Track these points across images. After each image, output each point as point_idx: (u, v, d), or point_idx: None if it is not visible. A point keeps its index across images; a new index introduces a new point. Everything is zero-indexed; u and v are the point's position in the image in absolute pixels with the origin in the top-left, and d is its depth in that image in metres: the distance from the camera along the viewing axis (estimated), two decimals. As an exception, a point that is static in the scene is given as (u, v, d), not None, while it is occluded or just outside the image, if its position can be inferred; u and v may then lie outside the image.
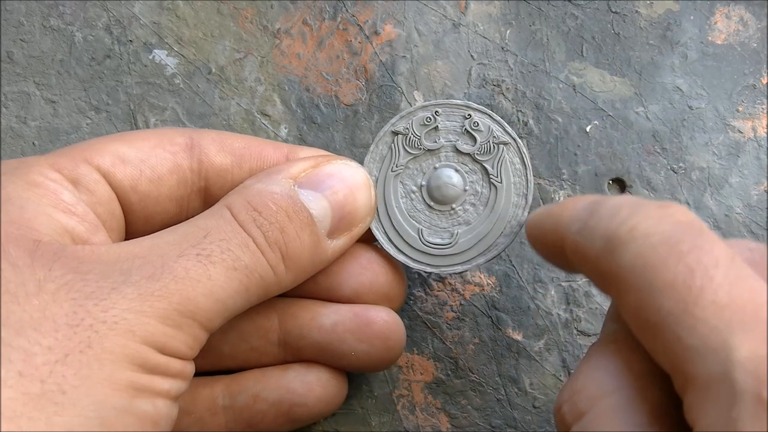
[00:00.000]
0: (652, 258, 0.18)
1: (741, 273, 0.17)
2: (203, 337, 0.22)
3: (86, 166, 0.23)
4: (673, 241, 0.18)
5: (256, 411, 0.26)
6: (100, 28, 0.32)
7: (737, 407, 0.15)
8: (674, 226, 0.18)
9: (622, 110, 0.31)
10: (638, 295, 0.18)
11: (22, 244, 0.20)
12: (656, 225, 0.19)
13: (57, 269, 0.20)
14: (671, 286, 0.17)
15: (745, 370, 0.15)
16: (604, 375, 0.19)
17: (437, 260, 0.27)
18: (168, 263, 0.21)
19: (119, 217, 0.24)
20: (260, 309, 0.27)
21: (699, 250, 0.18)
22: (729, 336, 0.16)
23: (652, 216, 0.19)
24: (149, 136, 0.25)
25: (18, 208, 0.21)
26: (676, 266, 0.17)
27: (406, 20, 0.32)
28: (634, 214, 0.19)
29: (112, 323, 0.19)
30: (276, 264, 0.23)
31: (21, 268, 0.20)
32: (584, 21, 0.32)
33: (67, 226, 0.22)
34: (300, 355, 0.27)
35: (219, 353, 0.27)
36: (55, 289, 0.19)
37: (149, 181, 0.24)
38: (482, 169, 0.27)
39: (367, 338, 0.26)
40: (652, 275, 0.18)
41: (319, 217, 0.24)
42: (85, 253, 0.21)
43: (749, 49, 0.32)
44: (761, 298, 0.17)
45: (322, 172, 0.25)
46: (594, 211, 0.20)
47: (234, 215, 0.23)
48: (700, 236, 0.18)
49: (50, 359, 0.19)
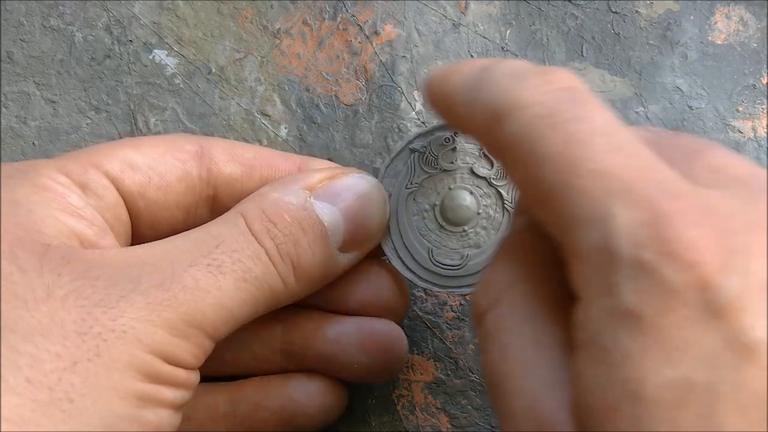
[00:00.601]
0: (534, 129, 0.17)
1: (624, 140, 0.17)
2: (209, 346, 0.22)
3: (95, 172, 0.23)
4: (554, 111, 0.17)
5: (258, 419, 0.26)
6: (100, 28, 0.32)
7: (616, 273, 0.15)
8: (556, 94, 0.18)
9: (622, 110, 0.31)
10: (524, 168, 0.18)
11: (30, 248, 0.20)
12: (538, 95, 0.18)
13: (66, 274, 0.20)
14: (552, 157, 0.17)
15: (622, 236, 0.15)
16: (512, 265, 0.19)
17: (445, 281, 0.27)
18: (178, 272, 0.21)
19: (126, 222, 0.24)
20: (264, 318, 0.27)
21: (580, 118, 0.17)
22: (609, 204, 0.16)
23: (534, 85, 0.18)
24: (159, 143, 0.25)
25: (26, 211, 0.21)
26: (556, 136, 0.17)
27: (406, 20, 0.32)
28: (517, 84, 0.18)
29: (121, 332, 0.19)
30: (287, 276, 0.23)
31: (29, 272, 0.20)
32: (584, 21, 0.32)
33: (75, 230, 0.22)
34: (302, 365, 0.27)
35: (221, 360, 0.27)
36: (64, 295, 0.19)
37: (157, 188, 0.24)
38: (497, 194, 0.27)
39: (370, 351, 0.26)
40: (534, 147, 0.17)
41: (333, 230, 0.24)
42: (95, 257, 0.21)
43: (749, 49, 0.32)
44: (643, 163, 0.16)
45: (338, 184, 0.25)
46: (480, 80, 0.20)
47: (248, 224, 0.23)
48: (582, 104, 0.18)
49: (59, 366, 0.19)
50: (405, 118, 0.32)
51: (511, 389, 0.18)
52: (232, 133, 0.32)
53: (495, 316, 0.19)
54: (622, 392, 0.15)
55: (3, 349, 0.18)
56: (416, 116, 0.32)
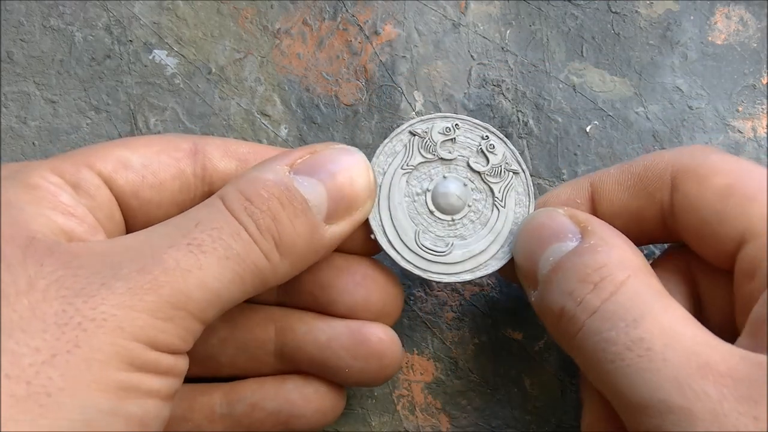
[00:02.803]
0: None
1: None
2: (197, 328, 0.22)
3: (88, 171, 0.23)
4: None
5: (254, 420, 0.26)
6: (100, 28, 0.32)
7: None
8: None
9: (622, 110, 0.31)
10: None
11: (15, 242, 0.20)
12: None
13: (49, 265, 0.20)
14: None
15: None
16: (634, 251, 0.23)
17: (427, 265, 0.27)
18: (158, 254, 0.21)
19: (119, 221, 0.24)
20: (258, 319, 0.27)
21: None
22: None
23: None
24: (153, 142, 0.25)
25: (17, 211, 0.21)
26: None
27: (406, 20, 0.32)
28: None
29: (101, 320, 0.19)
30: (269, 252, 0.23)
31: (14, 267, 0.19)
32: (584, 21, 0.32)
33: (64, 227, 0.22)
34: (297, 367, 0.27)
35: (217, 361, 0.27)
36: (46, 286, 0.19)
37: (151, 186, 0.24)
38: (489, 191, 0.27)
39: (362, 356, 0.26)
40: None
41: (315, 202, 0.24)
42: (79, 248, 0.21)
43: (749, 49, 0.32)
44: None
45: (319, 157, 0.24)
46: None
47: (226, 204, 0.23)
48: None
49: (37, 360, 0.18)
50: (405, 118, 0.32)
51: None
52: (232, 133, 0.32)
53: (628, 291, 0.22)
54: None
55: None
56: (416, 116, 0.32)
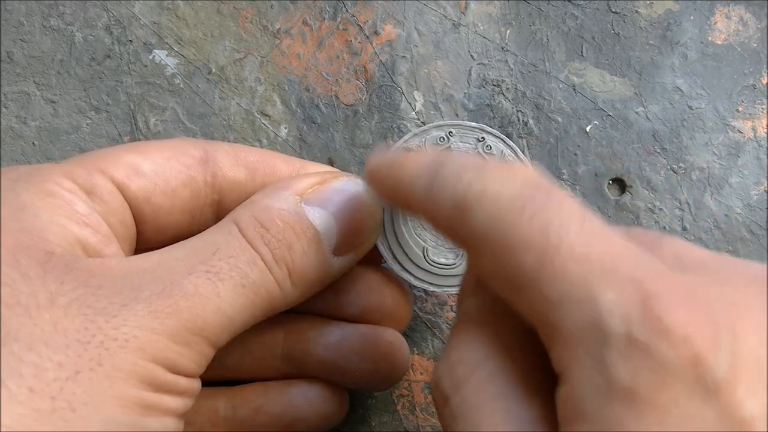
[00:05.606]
0: (504, 219, 0.18)
1: (594, 225, 0.18)
2: (210, 353, 0.22)
3: (101, 177, 0.23)
4: (522, 201, 0.18)
5: (258, 424, 0.26)
6: (100, 28, 0.32)
7: (608, 350, 0.16)
8: (522, 186, 0.18)
9: (622, 110, 0.31)
10: (494, 256, 0.18)
11: (34, 255, 0.20)
12: (504, 186, 0.18)
13: (68, 282, 0.20)
14: (527, 244, 0.17)
15: (612, 315, 0.16)
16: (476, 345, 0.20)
17: (440, 280, 0.27)
18: (178, 280, 0.21)
19: (131, 227, 0.24)
20: (266, 323, 0.27)
21: (551, 207, 0.18)
22: (592, 285, 0.16)
23: (498, 178, 0.19)
24: (164, 148, 0.25)
25: (32, 217, 0.21)
26: (529, 224, 0.17)
27: (406, 20, 0.32)
28: (480, 177, 0.19)
29: (123, 341, 0.20)
30: (282, 280, 0.23)
31: (33, 279, 0.19)
32: (584, 21, 0.32)
33: (80, 237, 0.22)
34: (303, 371, 0.27)
35: (222, 364, 0.27)
36: (67, 303, 0.19)
37: (163, 193, 0.24)
38: None
39: (372, 359, 0.26)
40: (506, 235, 0.18)
41: (325, 233, 0.24)
42: (96, 266, 0.21)
43: (749, 49, 0.32)
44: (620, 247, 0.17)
45: (328, 188, 0.25)
46: (437, 173, 0.20)
47: (242, 231, 0.23)
48: (550, 194, 0.18)
49: (61, 376, 0.19)
50: (405, 118, 0.32)
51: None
52: (232, 133, 0.32)
53: (463, 396, 0.19)
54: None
55: (5, 357, 0.18)
56: (416, 116, 0.32)
